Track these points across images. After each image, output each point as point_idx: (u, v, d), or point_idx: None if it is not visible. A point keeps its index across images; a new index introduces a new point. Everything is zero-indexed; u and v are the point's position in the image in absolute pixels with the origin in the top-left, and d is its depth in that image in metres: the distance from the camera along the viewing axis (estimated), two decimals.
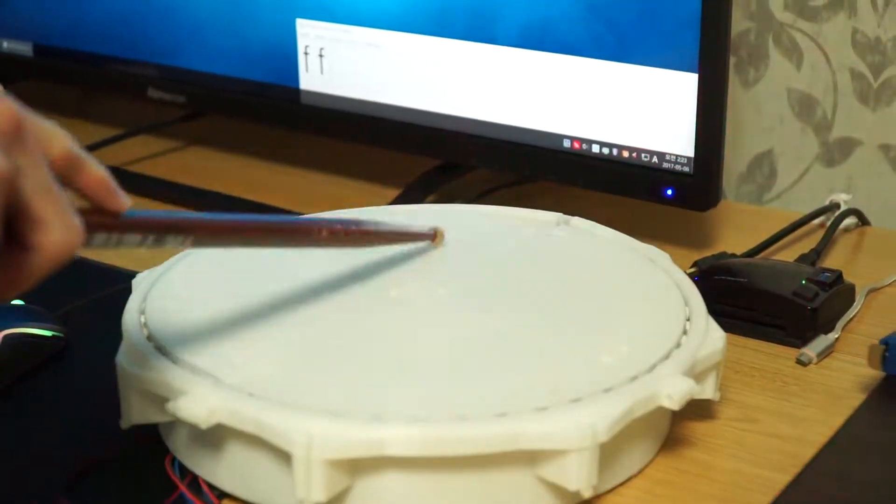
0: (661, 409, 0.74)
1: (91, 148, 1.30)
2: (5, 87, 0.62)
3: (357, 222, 0.85)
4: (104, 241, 0.66)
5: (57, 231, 0.59)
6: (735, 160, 1.29)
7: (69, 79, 1.40)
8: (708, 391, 0.79)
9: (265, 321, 0.80)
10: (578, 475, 0.69)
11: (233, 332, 0.79)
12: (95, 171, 0.64)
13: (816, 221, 1.13)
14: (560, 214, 0.96)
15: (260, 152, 1.35)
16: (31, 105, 0.60)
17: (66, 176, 0.62)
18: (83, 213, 0.62)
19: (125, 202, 0.66)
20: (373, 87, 1.16)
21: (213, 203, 1.20)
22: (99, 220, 0.64)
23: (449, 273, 0.87)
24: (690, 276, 0.90)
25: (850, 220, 1.13)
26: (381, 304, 0.82)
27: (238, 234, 0.75)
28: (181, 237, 0.70)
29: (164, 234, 0.69)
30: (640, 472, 0.76)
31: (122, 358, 0.77)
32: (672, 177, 1.03)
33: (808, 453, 0.78)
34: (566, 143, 1.07)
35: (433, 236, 0.91)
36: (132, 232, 0.68)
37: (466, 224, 0.97)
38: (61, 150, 0.62)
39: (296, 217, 0.78)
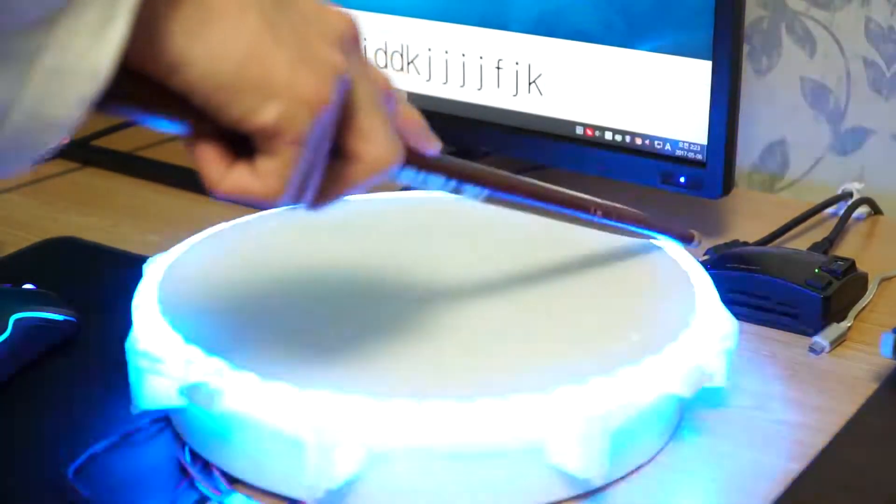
0: (671, 397, 0.74)
1: (102, 134, 1.31)
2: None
3: (626, 209, 0.87)
4: (412, 177, 0.67)
5: (380, 145, 0.61)
6: (748, 148, 1.28)
7: None
8: (719, 379, 0.79)
9: (277, 306, 0.80)
10: (589, 463, 0.69)
11: (244, 316, 0.79)
12: (411, 110, 0.66)
13: (829, 210, 1.12)
14: None
15: None
16: None
17: None
18: None
19: (436, 146, 0.68)
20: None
21: None
22: (411, 156, 0.66)
23: (460, 258, 0.87)
24: (703, 264, 0.90)
25: (862, 209, 1.13)
26: (393, 289, 0.82)
27: (527, 197, 0.78)
28: (479, 189, 0.73)
29: (465, 181, 0.71)
30: (651, 459, 0.76)
31: (132, 343, 0.77)
32: (685, 164, 1.02)
33: (820, 442, 0.78)
34: (579, 130, 1.07)
35: (690, 237, 0.92)
36: (439, 173, 0.69)
37: (478, 211, 0.96)
38: (385, 82, 0.63)
39: (574, 193, 0.83)
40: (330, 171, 0.61)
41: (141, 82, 0.55)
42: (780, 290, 0.92)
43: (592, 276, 0.85)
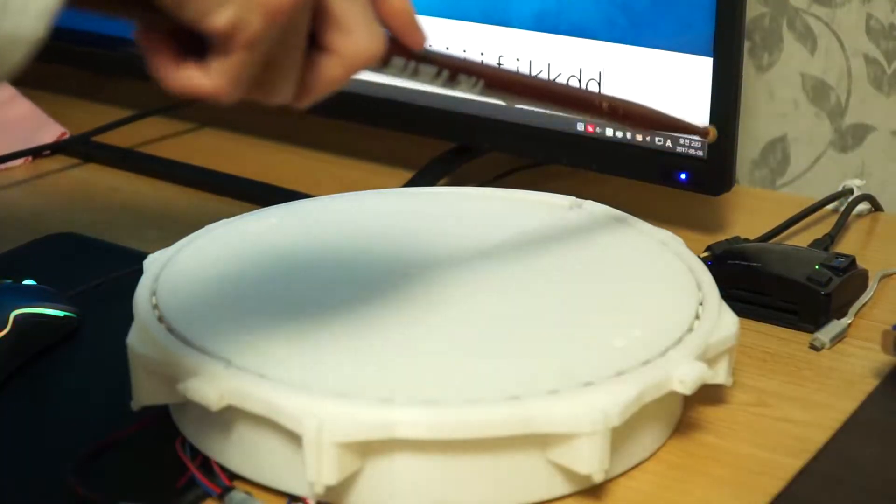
0: (673, 394, 0.73)
1: (103, 130, 1.31)
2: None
3: (636, 104, 0.83)
4: (401, 68, 0.65)
5: (358, 36, 0.60)
6: (748, 145, 1.28)
7: (81, 61, 1.40)
8: (720, 376, 0.79)
9: (276, 303, 0.80)
10: (590, 459, 0.69)
11: (244, 313, 0.79)
12: (398, 1, 0.63)
13: (830, 207, 1.12)
14: (573, 198, 0.96)
15: (272, 134, 1.35)
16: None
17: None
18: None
19: (424, 38, 0.65)
20: None
21: (225, 185, 1.20)
22: (398, 47, 0.64)
23: (461, 256, 0.87)
24: (703, 260, 0.90)
25: (863, 206, 1.12)
26: (392, 287, 0.82)
27: (526, 91, 0.75)
28: (474, 79, 0.69)
29: (458, 72, 0.68)
30: (652, 455, 0.76)
31: (133, 339, 0.77)
32: (686, 161, 1.02)
33: (820, 438, 0.78)
34: (580, 127, 1.07)
35: (706, 132, 0.89)
36: (430, 63, 0.66)
37: (479, 207, 0.96)
38: None
39: (578, 88, 0.78)
40: (309, 64, 0.61)
41: None
42: (781, 287, 0.92)
43: (592, 272, 0.85)
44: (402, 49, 0.64)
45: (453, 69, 0.68)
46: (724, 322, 0.79)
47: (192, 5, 0.56)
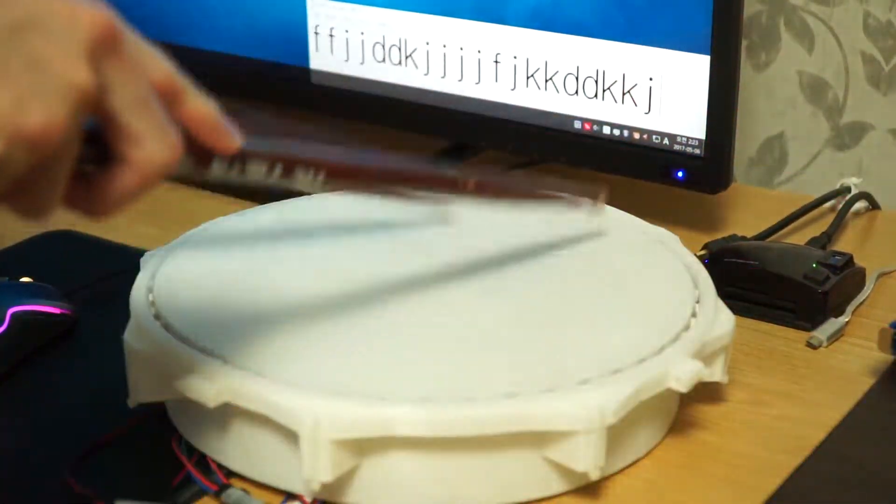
0: (669, 392, 0.73)
1: None
2: None
3: (507, 178, 0.80)
4: (224, 170, 0.62)
5: (150, 145, 0.57)
6: (746, 143, 1.28)
7: None
8: (717, 374, 0.79)
9: (273, 300, 0.80)
10: (586, 456, 0.69)
11: (240, 311, 0.79)
12: (198, 105, 0.61)
13: (827, 205, 1.12)
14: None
15: None
16: None
17: (165, 106, 0.59)
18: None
19: (234, 142, 0.62)
20: (383, 68, 1.16)
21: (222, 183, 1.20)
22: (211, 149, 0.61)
23: (458, 253, 0.87)
24: (700, 258, 0.90)
25: (860, 204, 1.12)
26: (389, 284, 0.82)
27: (377, 179, 0.72)
28: (312, 172, 0.66)
29: (294, 165, 0.65)
30: (649, 453, 0.76)
31: (129, 336, 0.77)
32: (683, 159, 1.02)
33: (817, 436, 0.78)
34: (577, 125, 1.07)
35: (593, 195, 0.87)
36: (256, 161, 0.64)
37: (475, 209, 0.96)
38: (161, 76, 0.59)
39: (440, 168, 0.75)
40: (106, 175, 0.58)
41: None
42: (779, 285, 0.92)
43: (590, 270, 0.85)
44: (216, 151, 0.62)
45: (288, 162, 0.65)
46: (720, 320, 0.79)
47: None
